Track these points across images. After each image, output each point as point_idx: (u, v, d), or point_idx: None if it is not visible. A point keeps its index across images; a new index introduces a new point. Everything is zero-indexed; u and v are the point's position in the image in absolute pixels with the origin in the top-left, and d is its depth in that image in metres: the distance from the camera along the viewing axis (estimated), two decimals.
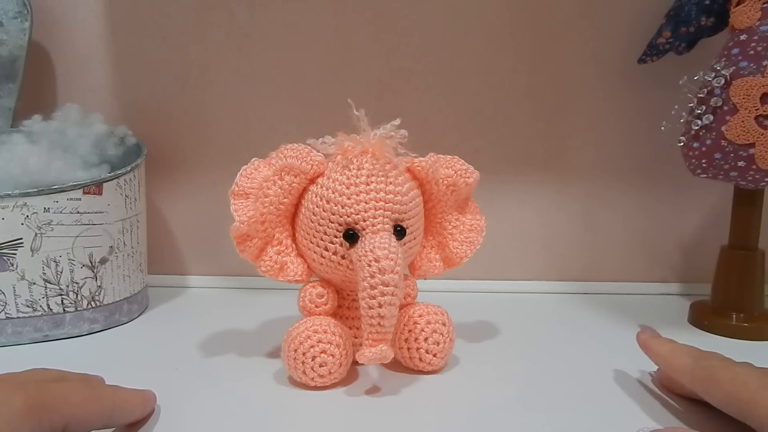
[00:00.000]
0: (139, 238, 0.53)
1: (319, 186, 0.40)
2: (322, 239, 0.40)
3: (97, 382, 0.35)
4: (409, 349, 0.41)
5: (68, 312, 0.48)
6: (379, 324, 0.37)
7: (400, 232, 0.40)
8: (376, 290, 0.37)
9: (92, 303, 0.49)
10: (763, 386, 0.31)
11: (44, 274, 0.47)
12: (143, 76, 0.59)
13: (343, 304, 0.43)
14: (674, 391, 0.38)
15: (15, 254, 0.46)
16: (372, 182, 0.39)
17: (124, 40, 0.59)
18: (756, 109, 0.43)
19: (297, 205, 0.41)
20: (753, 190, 0.48)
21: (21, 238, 0.46)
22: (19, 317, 0.47)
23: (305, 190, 0.41)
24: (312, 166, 0.40)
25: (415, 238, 0.42)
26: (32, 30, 0.55)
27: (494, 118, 0.59)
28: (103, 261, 0.49)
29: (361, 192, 0.39)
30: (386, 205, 0.39)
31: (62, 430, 0.30)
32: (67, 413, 0.30)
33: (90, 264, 0.48)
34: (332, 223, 0.39)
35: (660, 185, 0.59)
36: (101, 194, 0.48)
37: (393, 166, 0.40)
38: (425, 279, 0.45)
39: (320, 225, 0.40)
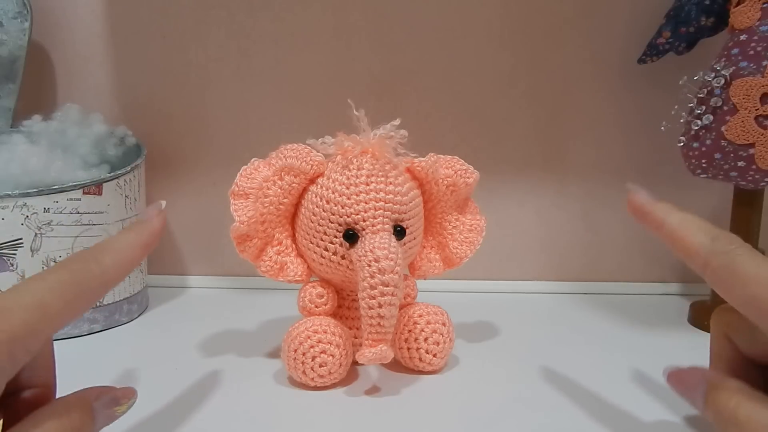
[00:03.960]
0: None
1: (319, 186, 0.40)
2: (322, 239, 0.40)
3: (85, 257, 0.29)
4: (409, 349, 0.41)
5: None
6: (379, 324, 0.37)
7: (400, 232, 0.40)
8: (376, 290, 0.37)
9: None
10: None
11: None
12: (143, 76, 0.59)
13: (343, 304, 0.43)
14: None
15: (15, 254, 0.46)
16: (372, 182, 0.39)
17: (124, 40, 0.59)
18: (756, 109, 0.43)
19: (297, 206, 0.41)
20: (753, 191, 0.48)
21: (21, 239, 0.46)
22: None
23: (305, 190, 0.41)
24: (312, 166, 0.40)
25: (415, 239, 0.42)
26: (32, 30, 0.55)
27: (494, 118, 0.59)
28: None
29: (360, 192, 0.39)
30: (386, 205, 0.39)
31: (44, 344, 0.27)
32: (45, 332, 0.27)
33: None
34: (332, 223, 0.39)
35: (660, 185, 0.59)
36: (101, 194, 0.48)
37: (393, 166, 0.40)
38: (425, 279, 0.45)
39: (320, 225, 0.40)
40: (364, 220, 0.39)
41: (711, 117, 0.45)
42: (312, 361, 0.39)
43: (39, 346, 0.27)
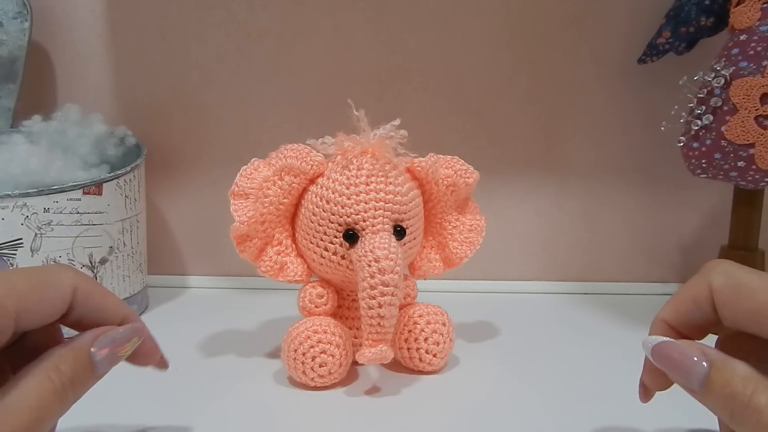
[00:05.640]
0: (138, 239, 0.53)
1: (318, 186, 0.40)
2: (322, 239, 0.40)
3: (57, 268, 0.29)
4: (409, 349, 0.41)
5: None
6: (379, 324, 0.37)
7: (400, 232, 0.40)
8: (376, 290, 0.37)
9: None
10: None
11: None
12: (143, 76, 0.59)
13: (343, 304, 0.43)
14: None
15: (15, 254, 0.46)
16: (372, 182, 0.39)
17: (124, 40, 0.59)
18: (756, 110, 0.43)
19: (297, 206, 0.41)
20: (753, 190, 0.48)
21: (21, 239, 0.46)
22: None
23: (305, 190, 0.41)
24: (312, 166, 0.40)
25: (415, 239, 0.42)
26: (32, 30, 0.55)
27: (494, 118, 0.59)
28: (102, 261, 0.49)
29: (360, 192, 0.39)
30: (386, 205, 0.39)
31: (14, 325, 0.26)
32: (11, 308, 0.25)
33: (90, 264, 0.48)
34: (332, 223, 0.39)
35: (660, 185, 0.59)
36: (101, 194, 0.48)
37: (393, 166, 0.40)
38: (425, 279, 0.45)
39: (320, 225, 0.40)
40: (364, 220, 0.39)
41: (711, 117, 0.45)
42: (312, 361, 0.39)
43: None
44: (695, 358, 0.27)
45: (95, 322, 0.29)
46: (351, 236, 0.39)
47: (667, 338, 0.29)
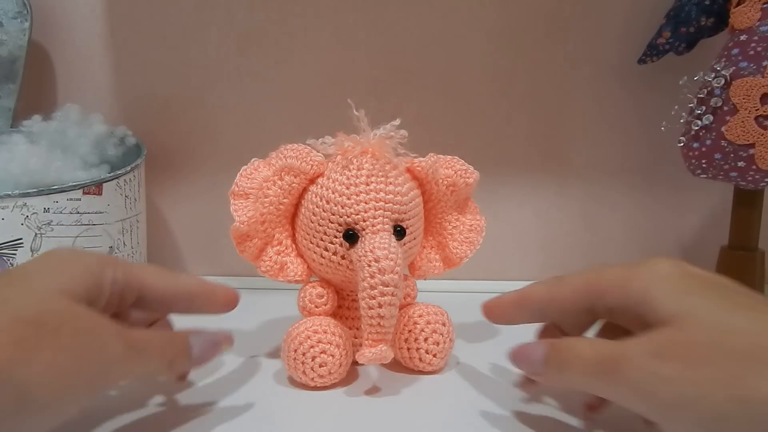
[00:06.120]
0: (139, 239, 0.53)
1: (318, 186, 0.40)
2: (322, 239, 0.40)
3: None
4: (409, 349, 0.41)
5: None
6: (379, 324, 0.37)
7: (400, 232, 0.40)
8: (375, 290, 0.37)
9: None
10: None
11: None
12: (143, 76, 0.59)
13: (343, 304, 0.43)
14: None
15: (15, 254, 0.46)
16: (372, 182, 0.39)
17: (124, 40, 0.59)
18: (756, 110, 0.43)
19: (297, 206, 0.41)
20: (753, 190, 0.48)
21: (21, 239, 0.46)
22: None
23: (305, 190, 0.41)
24: (312, 166, 0.40)
25: (415, 239, 0.42)
26: (32, 30, 0.55)
27: (494, 118, 0.59)
28: None
29: (360, 192, 0.39)
30: (386, 205, 0.39)
31: (136, 295, 0.33)
32: (139, 274, 0.33)
33: None
34: (332, 223, 0.39)
35: (660, 185, 0.59)
36: (101, 194, 0.48)
37: (393, 166, 0.40)
38: (425, 279, 0.45)
39: (320, 225, 0.40)
40: (364, 220, 0.39)
41: (711, 117, 0.45)
42: (312, 361, 0.39)
43: None
44: (535, 347, 0.32)
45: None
46: (351, 236, 0.39)
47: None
